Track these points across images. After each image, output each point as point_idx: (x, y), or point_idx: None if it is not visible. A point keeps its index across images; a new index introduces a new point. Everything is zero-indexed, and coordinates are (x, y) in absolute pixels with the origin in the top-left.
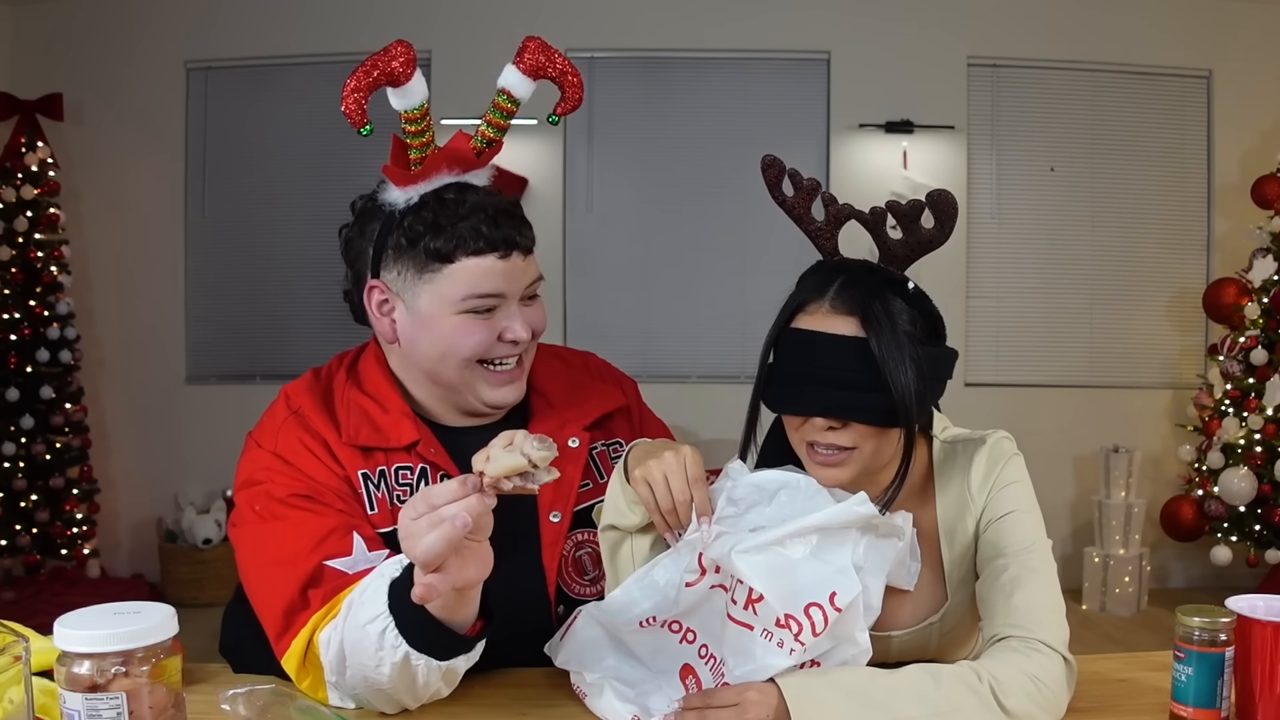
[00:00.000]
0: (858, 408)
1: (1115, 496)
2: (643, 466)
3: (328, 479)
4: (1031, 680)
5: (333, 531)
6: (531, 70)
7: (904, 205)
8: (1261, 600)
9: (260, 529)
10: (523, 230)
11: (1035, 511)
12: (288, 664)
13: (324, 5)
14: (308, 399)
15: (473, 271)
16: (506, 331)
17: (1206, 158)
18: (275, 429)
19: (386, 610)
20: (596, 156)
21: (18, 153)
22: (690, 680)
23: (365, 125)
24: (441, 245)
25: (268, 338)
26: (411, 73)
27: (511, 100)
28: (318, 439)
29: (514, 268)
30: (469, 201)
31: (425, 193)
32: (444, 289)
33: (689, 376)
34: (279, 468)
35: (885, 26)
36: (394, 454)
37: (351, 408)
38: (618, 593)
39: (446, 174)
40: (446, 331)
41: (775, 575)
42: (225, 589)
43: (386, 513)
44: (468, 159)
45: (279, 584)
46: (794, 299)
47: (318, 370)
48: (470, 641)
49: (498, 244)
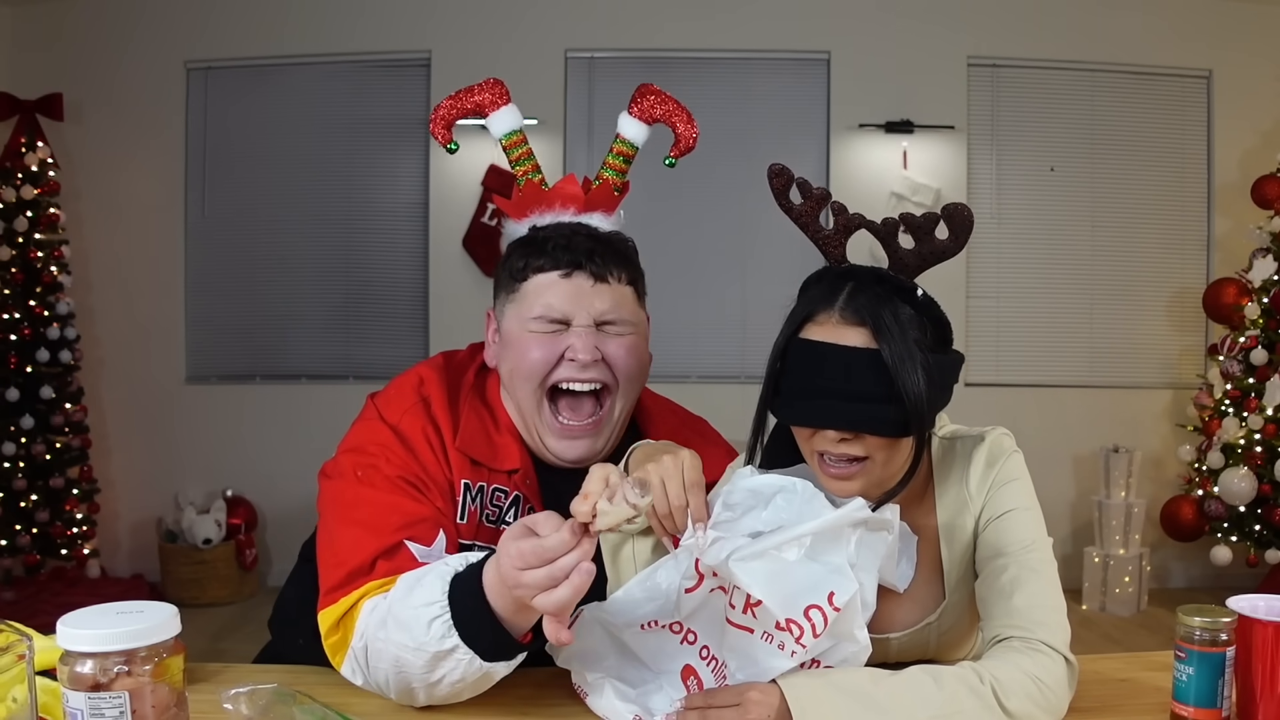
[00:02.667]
0: (871, 419)
1: (1115, 496)
2: (642, 470)
3: (437, 474)
4: (1033, 681)
5: (424, 520)
6: (644, 116)
7: (918, 218)
8: (1262, 600)
9: (356, 490)
10: (597, 255)
11: (1035, 509)
12: (325, 617)
13: (324, 5)
14: (438, 391)
15: (539, 288)
16: (569, 350)
17: (1206, 158)
18: (403, 408)
19: (444, 600)
20: (596, 157)
21: (18, 153)
22: (692, 681)
23: (451, 143)
24: (518, 263)
25: (268, 338)
26: (500, 104)
27: (627, 144)
28: (438, 432)
29: (579, 289)
30: (561, 230)
31: (535, 225)
32: (519, 307)
33: (689, 376)
34: (396, 447)
35: (885, 26)
36: (496, 474)
37: (471, 415)
38: (619, 594)
39: (560, 210)
40: (516, 346)
41: (772, 580)
42: (225, 589)
43: (474, 525)
44: (575, 198)
45: (356, 544)
46: (801, 308)
47: (450, 356)
48: (519, 647)
49: (562, 262)
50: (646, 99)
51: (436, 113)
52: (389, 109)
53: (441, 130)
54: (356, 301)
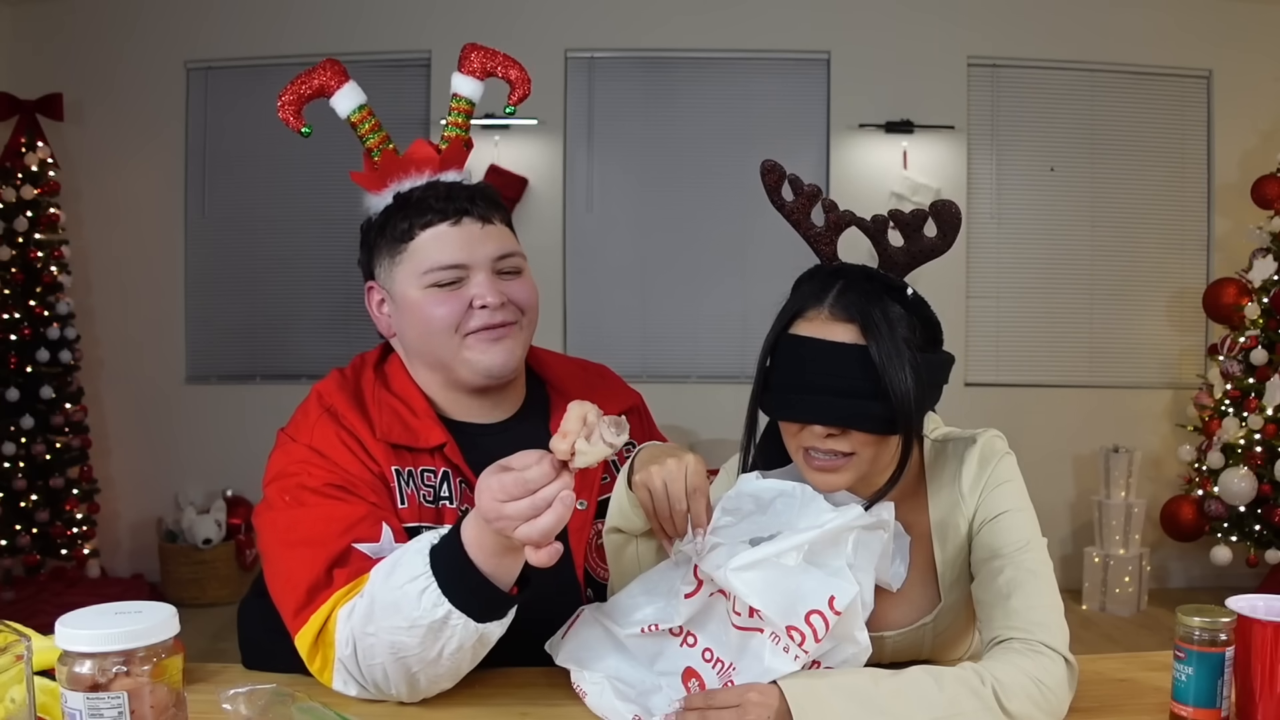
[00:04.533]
0: (858, 415)
1: (1115, 496)
2: (645, 472)
3: (361, 472)
4: (1034, 683)
5: (363, 519)
6: (476, 72)
7: (907, 214)
8: (1261, 600)
9: (290, 513)
10: (477, 200)
11: (1029, 510)
12: (301, 641)
13: (323, 5)
14: (340, 397)
15: (428, 243)
16: (476, 299)
17: (1206, 158)
18: (310, 425)
19: (428, 571)
20: (596, 156)
21: (18, 153)
22: (693, 683)
23: (304, 127)
24: (400, 224)
25: (268, 338)
26: (340, 85)
27: (463, 100)
28: (352, 435)
29: (470, 234)
30: (435, 188)
31: (398, 193)
32: (409, 267)
33: (689, 377)
34: (314, 460)
35: (885, 26)
36: (420, 455)
37: (383, 406)
38: (621, 595)
39: (416, 176)
40: (418, 308)
41: (772, 590)
42: (225, 589)
43: (414, 508)
44: (430, 158)
45: (305, 562)
46: (792, 304)
47: (343, 370)
48: (509, 602)
49: (447, 212)
50: (472, 58)
51: (282, 99)
52: (389, 109)
53: (292, 117)
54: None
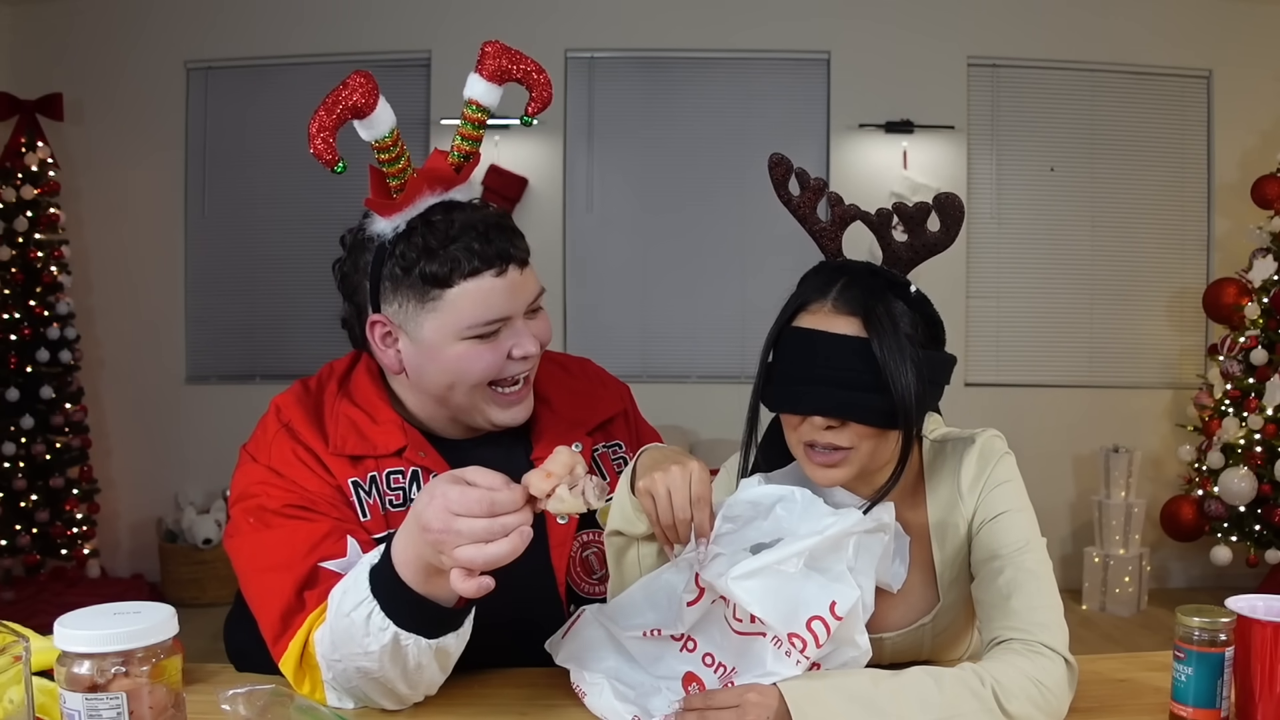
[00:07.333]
0: (857, 407)
1: (1115, 496)
2: (648, 478)
3: (320, 488)
4: (1034, 684)
5: (327, 536)
6: (495, 75)
7: (910, 208)
8: (1261, 600)
9: (255, 538)
10: (515, 242)
11: (1028, 510)
12: (285, 667)
13: (324, 5)
14: (297, 412)
15: (473, 296)
16: (515, 349)
17: (1206, 158)
18: (267, 443)
19: (369, 595)
20: (596, 157)
21: (18, 153)
22: (693, 687)
23: (338, 164)
24: (437, 270)
25: (268, 338)
26: (374, 102)
27: (480, 110)
28: (308, 450)
29: (513, 284)
30: (458, 221)
31: (412, 218)
32: (447, 318)
33: (689, 376)
34: (273, 480)
35: (885, 27)
36: (383, 460)
37: (340, 419)
38: (622, 597)
39: (430, 195)
40: (453, 359)
41: (773, 597)
42: (225, 589)
43: (379, 518)
44: (448, 176)
45: (275, 589)
46: (796, 298)
47: (306, 381)
48: (457, 616)
49: (492, 260)
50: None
51: (313, 129)
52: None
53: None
54: None
